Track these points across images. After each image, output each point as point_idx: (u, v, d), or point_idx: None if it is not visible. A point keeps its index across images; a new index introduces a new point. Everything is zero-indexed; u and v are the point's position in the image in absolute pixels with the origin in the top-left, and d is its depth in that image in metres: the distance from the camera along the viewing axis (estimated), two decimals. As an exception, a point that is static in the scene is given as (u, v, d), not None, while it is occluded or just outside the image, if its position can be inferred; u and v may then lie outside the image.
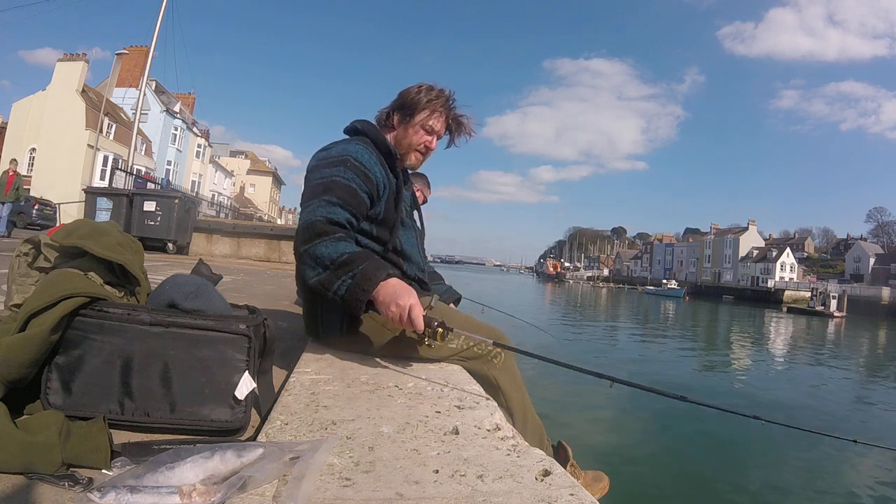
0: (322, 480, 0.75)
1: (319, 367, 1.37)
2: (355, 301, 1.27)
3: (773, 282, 58.32)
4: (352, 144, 1.48)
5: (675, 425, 6.60)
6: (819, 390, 9.95)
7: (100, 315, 0.96)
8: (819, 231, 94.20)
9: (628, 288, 73.18)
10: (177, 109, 35.39)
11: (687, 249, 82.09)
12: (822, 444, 5.91)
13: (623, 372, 9.75)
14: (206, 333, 1.00)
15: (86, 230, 1.15)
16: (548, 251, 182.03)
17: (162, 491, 0.68)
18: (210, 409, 0.97)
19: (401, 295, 1.25)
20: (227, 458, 0.76)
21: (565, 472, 0.83)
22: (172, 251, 8.60)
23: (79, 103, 24.68)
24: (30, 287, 1.11)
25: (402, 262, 1.58)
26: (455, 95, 1.62)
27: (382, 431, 0.95)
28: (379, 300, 1.26)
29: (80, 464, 0.78)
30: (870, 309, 40.85)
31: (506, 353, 1.53)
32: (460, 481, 0.78)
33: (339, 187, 1.39)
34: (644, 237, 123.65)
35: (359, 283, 1.25)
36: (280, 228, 11.01)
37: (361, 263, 1.27)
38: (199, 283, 1.13)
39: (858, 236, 73.03)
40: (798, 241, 79.30)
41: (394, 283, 1.27)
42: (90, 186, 11.21)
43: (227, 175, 47.58)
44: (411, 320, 1.23)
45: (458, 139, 1.67)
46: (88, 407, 0.92)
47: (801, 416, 7.45)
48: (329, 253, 1.29)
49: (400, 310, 1.24)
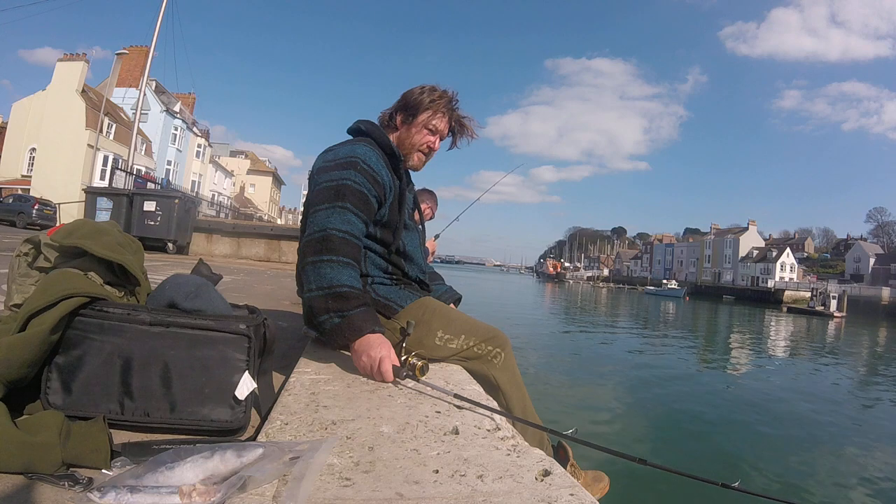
0: (322, 480, 0.75)
1: (319, 367, 1.37)
2: (333, 340, 1.32)
3: (773, 282, 58.30)
4: (358, 146, 1.47)
5: (676, 425, 6.60)
6: (819, 390, 9.95)
7: (100, 315, 0.96)
8: (819, 231, 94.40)
9: (628, 288, 73.11)
10: (177, 109, 35.38)
11: (687, 249, 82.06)
12: (823, 446, 5.91)
13: (624, 372, 9.75)
14: (206, 333, 1.00)
15: (86, 230, 1.15)
16: (548, 251, 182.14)
17: (162, 491, 0.68)
18: (210, 409, 0.97)
19: (374, 346, 1.26)
20: (227, 458, 0.76)
21: (565, 473, 0.83)
22: (172, 251, 8.60)
23: (79, 103, 24.68)
24: (30, 287, 1.11)
25: (404, 263, 1.58)
26: (458, 97, 1.63)
27: (382, 431, 0.95)
28: (354, 348, 1.29)
29: (80, 464, 0.78)
30: (870, 309, 40.83)
31: (505, 352, 1.53)
32: (460, 481, 0.78)
33: (352, 192, 1.38)
34: (644, 237, 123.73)
35: (343, 329, 1.28)
36: (280, 228, 11.00)
37: (354, 309, 1.28)
38: (199, 283, 1.13)
39: (858, 236, 73.00)
40: (798, 241, 79.26)
41: (373, 337, 1.28)
42: (90, 186, 11.21)
43: (227, 175, 47.58)
44: (381, 372, 1.24)
45: (461, 141, 1.67)
46: (88, 407, 0.92)
47: (801, 416, 7.45)
48: (332, 278, 1.29)
49: (371, 360, 1.25)
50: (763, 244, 70.68)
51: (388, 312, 1.49)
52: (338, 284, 1.29)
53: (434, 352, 1.48)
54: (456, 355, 1.51)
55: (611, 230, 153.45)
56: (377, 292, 1.50)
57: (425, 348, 1.45)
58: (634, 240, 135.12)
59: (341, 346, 1.36)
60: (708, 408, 7.46)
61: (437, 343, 1.49)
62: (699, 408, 7.43)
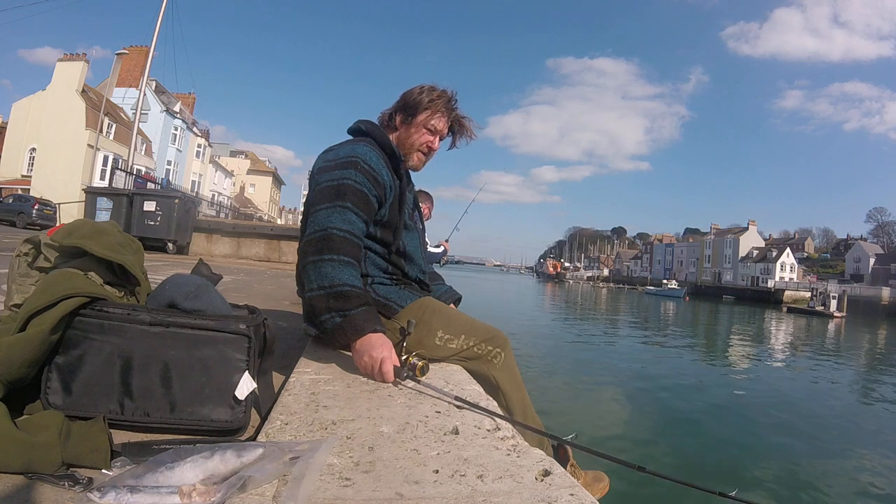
0: (322, 480, 0.75)
1: (319, 367, 1.37)
2: (335, 339, 1.33)
3: (773, 282, 58.27)
4: (359, 146, 1.47)
5: (676, 427, 6.60)
6: (819, 391, 9.95)
7: (100, 315, 0.96)
8: (819, 231, 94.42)
9: (628, 288, 73.07)
10: (177, 109, 35.38)
11: (687, 249, 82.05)
12: (822, 451, 5.90)
13: (624, 373, 9.75)
14: (206, 333, 1.00)
15: (86, 230, 1.15)
16: (548, 251, 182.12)
17: (162, 491, 0.68)
18: (210, 409, 0.97)
19: (375, 347, 1.26)
20: (227, 458, 0.76)
21: (565, 473, 0.83)
22: (172, 251, 8.60)
23: (79, 103, 24.68)
24: (30, 287, 1.11)
25: (404, 263, 1.58)
26: (457, 97, 1.63)
27: (382, 431, 0.95)
28: (355, 347, 1.29)
29: (80, 464, 0.78)
30: (870, 309, 40.83)
31: (505, 352, 1.53)
32: (460, 481, 0.77)
33: (352, 192, 1.38)
34: (644, 237, 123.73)
35: (344, 329, 1.28)
36: (280, 228, 11.00)
37: (355, 308, 1.28)
38: (199, 283, 1.13)
39: (858, 236, 73.01)
40: (798, 242, 79.27)
41: (375, 337, 1.28)
42: (90, 186, 11.22)
43: (227, 175, 47.58)
44: (381, 373, 1.24)
45: (460, 140, 1.68)
46: (88, 407, 0.92)
47: (801, 418, 7.44)
48: (333, 277, 1.29)
49: (372, 361, 1.25)
50: (763, 244, 70.68)
51: (388, 312, 1.49)
52: (339, 283, 1.29)
53: (434, 352, 1.48)
54: (456, 355, 1.51)
55: (611, 230, 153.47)
56: (377, 292, 1.50)
57: (425, 348, 1.45)
58: (634, 240, 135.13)
59: (342, 345, 1.36)
60: (708, 410, 7.46)
61: (437, 343, 1.49)
62: (699, 409, 7.43)
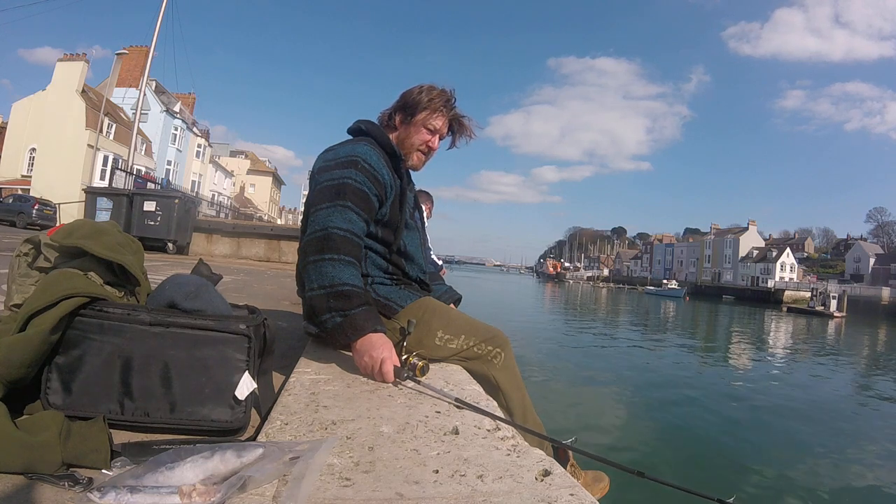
0: (322, 480, 0.75)
1: (319, 367, 1.37)
2: (335, 339, 1.34)
3: (773, 282, 58.26)
4: (359, 145, 1.47)
5: (676, 429, 6.59)
6: (819, 392, 9.95)
7: (100, 315, 0.96)
8: (819, 231, 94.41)
9: (628, 288, 73.06)
10: (177, 109, 35.38)
11: (687, 249, 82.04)
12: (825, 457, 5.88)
13: (624, 375, 9.74)
14: (206, 333, 1.00)
15: (86, 230, 1.15)
16: (548, 251, 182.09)
17: (162, 491, 0.68)
18: (210, 409, 0.97)
19: (376, 347, 1.26)
20: (227, 458, 0.76)
21: (565, 473, 0.83)
22: (172, 251, 8.60)
23: (79, 103, 24.67)
24: (30, 287, 1.11)
25: (404, 263, 1.58)
26: (456, 96, 1.63)
27: (382, 431, 0.95)
28: (356, 347, 1.29)
29: (80, 464, 0.78)
30: (870, 309, 40.83)
31: (506, 353, 1.53)
32: (460, 481, 0.77)
33: (352, 191, 1.38)
34: (644, 237, 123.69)
35: (345, 328, 1.28)
36: (280, 228, 11.00)
37: (356, 308, 1.28)
38: (199, 283, 1.13)
39: (858, 236, 73.00)
40: (798, 242, 79.26)
41: (375, 337, 1.28)
42: (90, 186, 11.21)
43: (227, 175, 47.58)
44: (382, 373, 1.24)
45: (460, 140, 1.68)
46: (88, 407, 0.92)
47: (801, 420, 7.44)
48: (334, 276, 1.29)
49: (372, 361, 1.25)
50: (763, 244, 70.66)
51: (389, 312, 1.49)
52: (339, 283, 1.29)
53: (434, 352, 1.48)
54: (456, 355, 1.51)
55: (611, 230, 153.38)
56: (377, 292, 1.50)
57: (425, 348, 1.45)
58: (634, 240, 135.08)
59: (343, 345, 1.36)
60: (708, 412, 7.45)
61: (438, 343, 1.49)
62: (699, 411, 7.42)
